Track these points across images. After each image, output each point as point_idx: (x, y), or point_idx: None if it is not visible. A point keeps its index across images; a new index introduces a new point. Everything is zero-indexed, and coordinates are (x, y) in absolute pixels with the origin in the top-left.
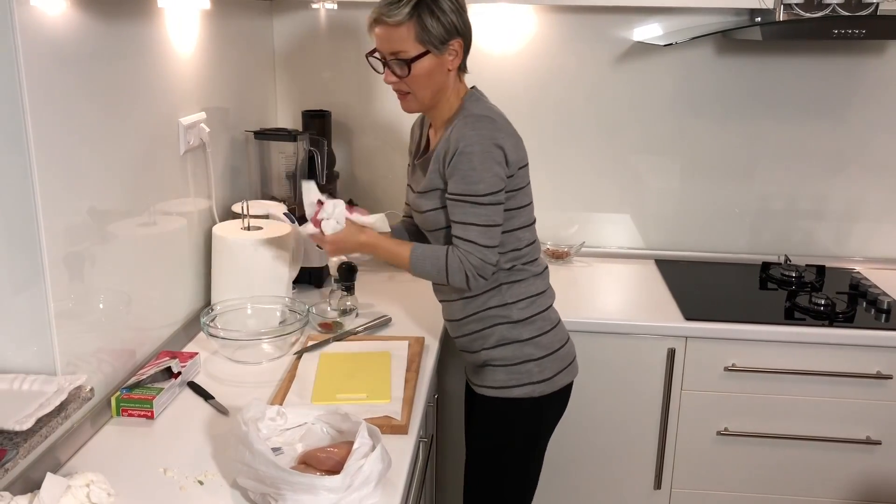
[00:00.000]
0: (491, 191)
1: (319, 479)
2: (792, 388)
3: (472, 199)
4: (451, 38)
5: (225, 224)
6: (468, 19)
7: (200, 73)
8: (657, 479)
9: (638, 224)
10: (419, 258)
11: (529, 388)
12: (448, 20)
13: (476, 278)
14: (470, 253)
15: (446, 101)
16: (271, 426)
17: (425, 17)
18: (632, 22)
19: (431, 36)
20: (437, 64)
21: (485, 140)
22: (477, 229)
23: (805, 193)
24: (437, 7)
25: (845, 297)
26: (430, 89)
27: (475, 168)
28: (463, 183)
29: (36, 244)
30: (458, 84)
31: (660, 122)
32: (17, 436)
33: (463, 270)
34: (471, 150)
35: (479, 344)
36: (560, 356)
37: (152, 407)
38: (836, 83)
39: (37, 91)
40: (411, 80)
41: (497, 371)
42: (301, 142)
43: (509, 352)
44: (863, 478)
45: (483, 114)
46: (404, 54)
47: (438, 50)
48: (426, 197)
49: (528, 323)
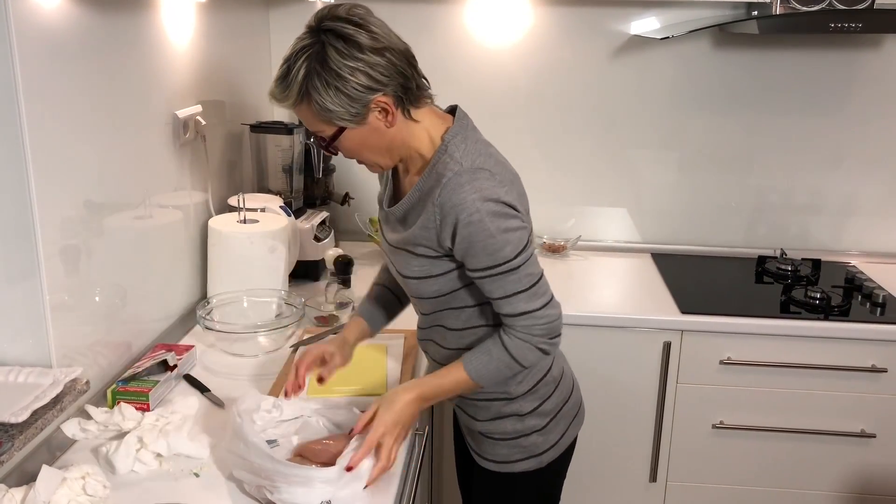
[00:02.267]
0: (519, 250)
1: (314, 470)
2: (787, 382)
3: (503, 267)
4: (365, 102)
5: (221, 217)
6: (392, 54)
7: (196, 65)
8: (653, 472)
9: (634, 218)
10: (479, 370)
11: (536, 461)
12: (352, 86)
13: (551, 343)
14: (530, 325)
15: (414, 149)
16: (267, 418)
17: (318, 94)
18: (629, 15)
19: (336, 112)
20: (366, 132)
21: (488, 200)
22: (524, 296)
23: (801, 187)
24: (330, 76)
25: (841, 290)
26: (377, 154)
27: (493, 234)
28: (486, 255)
29: (31, 236)
30: (424, 123)
31: (656, 115)
32: (13, 428)
33: (533, 347)
34: (479, 218)
35: (472, 412)
36: (565, 413)
37: (148, 399)
38: (832, 77)
39: (32, 84)
40: (348, 154)
41: (497, 445)
42: (297, 135)
43: (509, 426)
44: (858, 471)
45: (477, 166)
46: (321, 133)
47: (355, 121)
48: (405, 259)
49: (529, 394)
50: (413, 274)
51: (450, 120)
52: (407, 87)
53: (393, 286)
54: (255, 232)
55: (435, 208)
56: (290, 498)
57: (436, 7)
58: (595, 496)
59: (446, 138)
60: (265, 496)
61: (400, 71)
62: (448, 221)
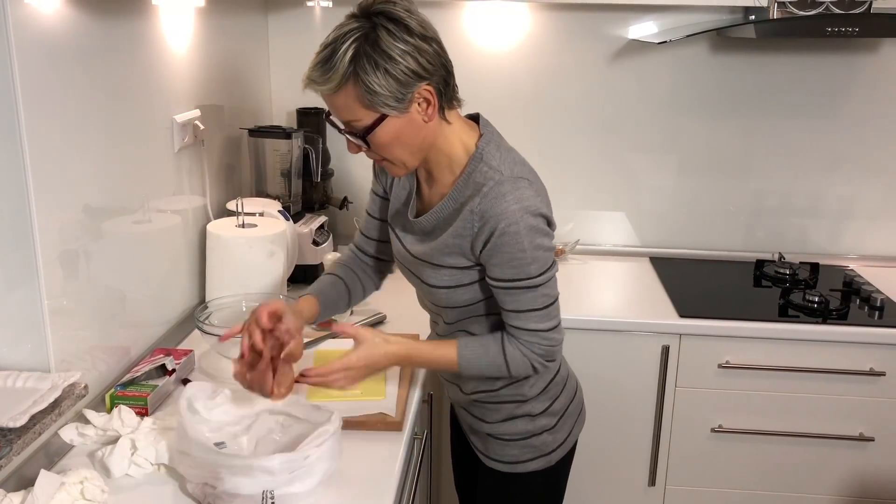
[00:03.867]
0: (544, 269)
1: (256, 460)
2: (786, 385)
3: (524, 283)
4: (411, 89)
5: (219, 221)
6: (436, 46)
7: (195, 70)
8: (651, 476)
9: (633, 222)
10: (470, 359)
11: (546, 460)
12: (401, 69)
13: (545, 364)
14: (534, 343)
15: (444, 153)
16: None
17: (367, 75)
18: (626, 20)
19: (382, 97)
20: (403, 124)
21: (528, 212)
22: (537, 315)
23: (799, 191)
24: (381, 57)
25: (839, 294)
26: (409, 152)
27: (524, 249)
28: (511, 268)
29: (30, 241)
30: (455, 127)
31: (654, 119)
32: (11, 432)
33: (528, 363)
34: (516, 230)
35: (481, 414)
36: (571, 412)
37: (147, 404)
38: (829, 81)
39: (30, 88)
40: (378, 148)
41: (507, 445)
42: (296, 139)
43: (521, 426)
44: (856, 474)
45: (517, 175)
46: (357, 123)
47: (398, 109)
48: (434, 270)
49: (541, 395)
50: (443, 283)
51: (475, 127)
52: (448, 82)
53: (349, 280)
54: (254, 236)
55: (474, 216)
56: (233, 488)
57: (434, 11)
58: (594, 500)
59: (480, 146)
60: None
61: (444, 63)
62: (486, 229)
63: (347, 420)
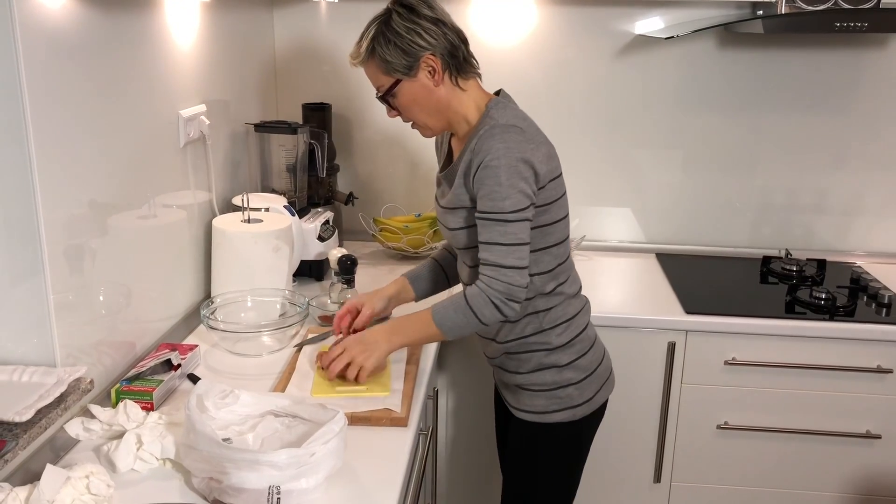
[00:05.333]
0: (517, 208)
1: (262, 454)
2: (792, 382)
3: (497, 216)
4: (416, 59)
5: (225, 217)
6: (444, 27)
7: (201, 65)
8: (657, 473)
9: (639, 218)
10: (441, 313)
11: (570, 412)
12: (406, 42)
13: (507, 304)
14: (493, 279)
15: (461, 114)
16: (224, 409)
17: (381, 48)
18: (633, 15)
19: (393, 65)
20: (416, 88)
21: (511, 153)
22: (501, 249)
23: (806, 187)
24: (391, 34)
25: (846, 291)
26: (427, 113)
27: (501, 184)
28: (489, 200)
29: (36, 236)
30: (471, 93)
31: (661, 115)
32: (17, 427)
33: (490, 301)
34: (496, 164)
35: (513, 366)
36: (599, 374)
37: (152, 399)
38: (837, 76)
39: (36, 83)
40: (403, 111)
41: (535, 396)
42: (301, 134)
43: (548, 377)
44: (863, 472)
45: (511, 123)
46: (382, 89)
47: (407, 75)
48: (452, 214)
49: (568, 347)
50: (458, 225)
51: (493, 97)
52: (454, 55)
53: (445, 263)
54: (260, 232)
55: (472, 155)
56: (238, 483)
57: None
58: (599, 496)
59: (489, 105)
60: (211, 492)
61: (450, 40)
62: (475, 163)
63: (353, 416)
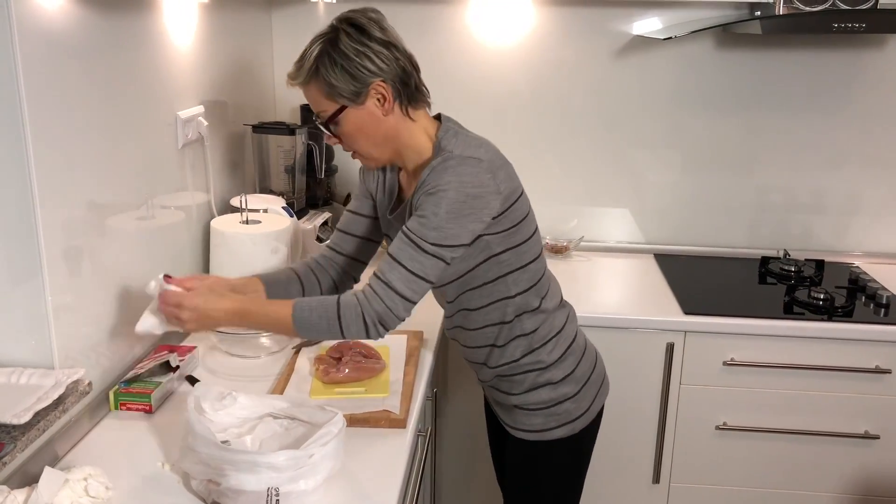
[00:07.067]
0: (440, 242)
1: (261, 456)
2: (791, 383)
3: (416, 241)
4: (365, 85)
5: (223, 218)
6: (396, 51)
7: (199, 66)
8: (656, 474)
9: (637, 218)
10: (304, 314)
11: (570, 427)
12: (356, 66)
13: (377, 326)
14: (376, 296)
15: (410, 146)
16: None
17: (326, 70)
18: (631, 15)
19: (339, 90)
20: (362, 116)
21: (464, 187)
22: (402, 273)
23: (804, 187)
24: (338, 55)
25: (844, 291)
26: (372, 143)
27: (437, 214)
28: (418, 221)
29: (34, 237)
30: (420, 123)
31: (659, 116)
32: (15, 429)
33: (361, 318)
34: (443, 193)
35: (507, 387)
36: (593, 381)
37: (150, 401)
38: (835, 77)
39: (34, 84)
40: (346, 139)
41: (532, 415)
42: (299, 135)
43: (544, 395)
44: (861, 472)
45: (466, 154)
46: (323, 113)
47: (354, 102)
48: None
49: (560, 362)
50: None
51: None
52: (405, 82)
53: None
54: (258, 233)
55: (424, 189)
56: (237, 485)
57: (437, 7)
58: (598, 497)
59: (439, 136)
60: (210, 494)
61: (402, 66)
62: (421, 191)
63: (351, 417)
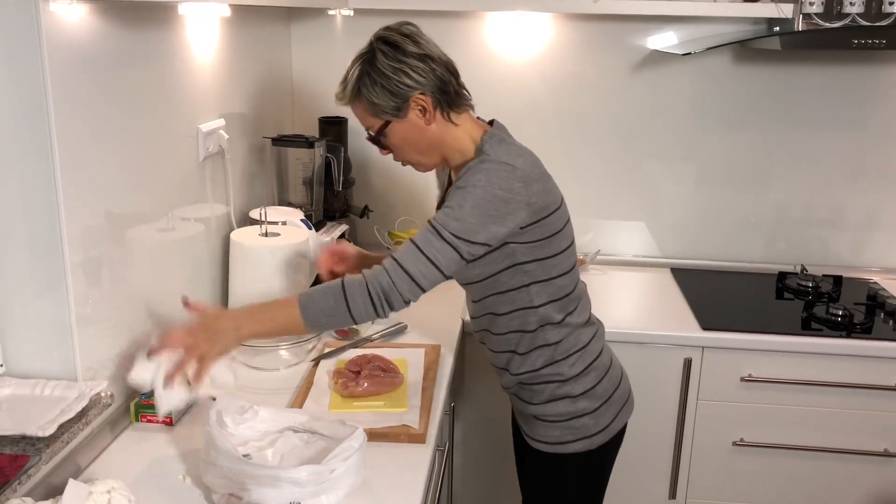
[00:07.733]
0: (460, 235)
1: (283, 471)
2: (808, 399)
3: (437, 228)
4: (405, 100)
5: (243, 230)
6: (432, 62)
7: (220, 79)
8: (672, 490)
9: (654, 232)
10: (309, 295)
11: (587, 442)
12: (394, 83)
13: (382, 303)
14: (384, 272)
15: (455, 150)
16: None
17: (367, 90)
18: (649, 30)
19: (381, 107)
20: (406, 128)
21: (492, 186)
22: (415, 254)
23: (822, 203)
24: (377, 74)
25: (863, 307)
26: (419, 152)
27: (463, 206)
28: (443, 211)
29: (59, 249)
30: (464, 126)
31: (676, 130)
32: (40, 441)
33: (366, 291)
34: (471, 189)
35: (527, 396)
36: (615, 400)
37: (171, 413)
38: (854, 92)
39: (61, 97)
40: (395, 151)
41: (550, 427)
42: (318, 148)
43: (562, 407)
44: (879, 490)
45: (503, 160)
46: (371, 129)
47: (397, 116)
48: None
49: (581, 376)
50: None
51: (488, 127)
52: (445, 90)
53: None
54: (277, 245)
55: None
56: (259, 499)
57: (457, 21)
58: None
59: (484, 139)
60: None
61: (439, 76)
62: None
63: (371, 432)
